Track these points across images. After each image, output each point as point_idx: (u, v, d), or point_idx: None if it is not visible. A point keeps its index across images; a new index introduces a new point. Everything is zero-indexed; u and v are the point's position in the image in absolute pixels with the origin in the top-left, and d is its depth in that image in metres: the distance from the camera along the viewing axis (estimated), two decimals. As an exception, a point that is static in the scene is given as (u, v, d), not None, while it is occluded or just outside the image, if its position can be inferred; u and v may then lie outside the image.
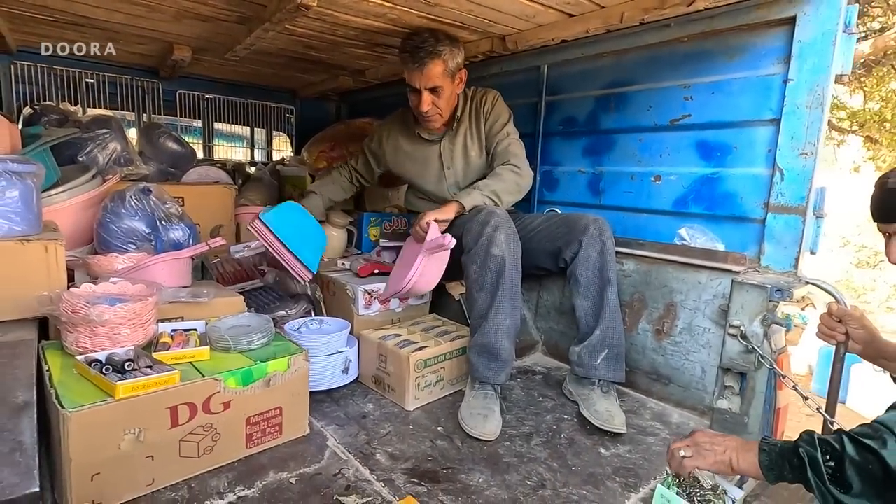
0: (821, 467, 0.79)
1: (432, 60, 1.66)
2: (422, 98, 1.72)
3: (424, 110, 1.75)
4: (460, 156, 1.87)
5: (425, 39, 1.66)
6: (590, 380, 1.55)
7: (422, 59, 1.66)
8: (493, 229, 1.49)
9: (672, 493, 1.09)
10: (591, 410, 1.47)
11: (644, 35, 1.69)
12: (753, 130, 1.50)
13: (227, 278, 1.94)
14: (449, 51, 1.68)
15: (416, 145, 1.93)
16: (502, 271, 1.47)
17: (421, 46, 1.66)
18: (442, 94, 1.73)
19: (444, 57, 1.67)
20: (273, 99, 3.44)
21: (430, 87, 1.70)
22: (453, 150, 1.88)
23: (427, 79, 1.69)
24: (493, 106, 1.83)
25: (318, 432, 1.37)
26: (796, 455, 0.82)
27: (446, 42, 1.68)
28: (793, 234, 1.40)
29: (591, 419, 1.45)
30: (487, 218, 1.51)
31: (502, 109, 1.84)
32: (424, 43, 1.66)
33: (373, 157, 2.07)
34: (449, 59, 1.69)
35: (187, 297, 1.42)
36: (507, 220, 1.52)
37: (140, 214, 1.66)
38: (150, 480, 1.07)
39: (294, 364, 1.28)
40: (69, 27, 1.99)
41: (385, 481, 1.18)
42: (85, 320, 1.11)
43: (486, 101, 1.84)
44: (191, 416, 1.11)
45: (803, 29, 1.35)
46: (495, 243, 1.48)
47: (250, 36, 1.82)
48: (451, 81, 1.74)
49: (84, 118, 2.16)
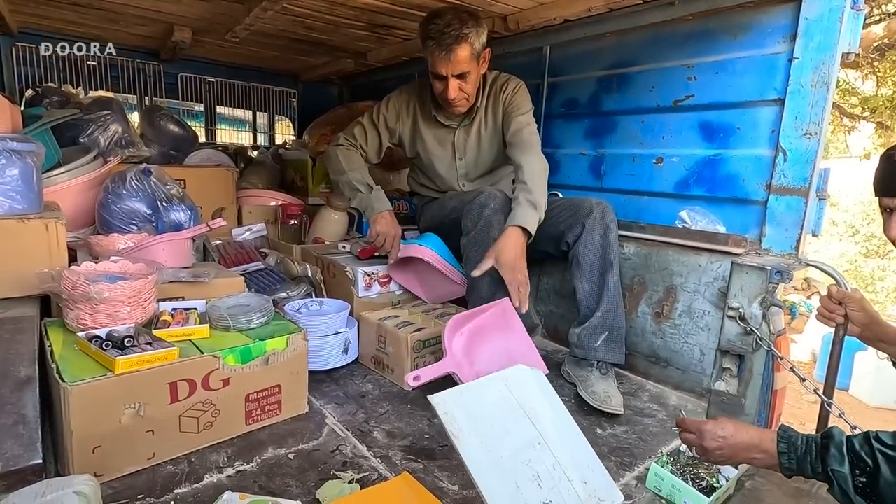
0: (849, 483, 0.75)
1: (459, 45, 1.53)
2: (448, 85, 1.61)
3: (452, 97, 1.63)
4: (474, 145, 1.81)
5: (449, 22, 1.53)
6: (588, 361, 1.55)
7: (448, 46, 1.52)
8: (492, 212, 1.50)
9: (665, 471, 1.10)
10: (589, 392, 1.48)
11: (647, 14, 1.66)
12: (757, 111, 1.48)
13: (229, 260, 1.95)
14: (475, 32, 1.55)
15: (432, 128, 1.84)
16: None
17: (446, 31, 1.52)
18: (469, 79, 1.62)
19: (470, 39, 1.54)
20: (275, 83, 3.42)
21: (458, 74, 1.59)
22: (467, 139, 1.81)
23: (455, 65, 1.56)
24: (515, 94, 1.74)
25: (317, 410, 1.38)
26: (823, 471, 0.78)
27: (471, 22, 1.55)
28: (794, 216, 1.39)
29: (589, 400, 1.46)
30: (486, 201, 1.51)
31: (524, 99, 1.74)
32: (449, 27, 1.52)
33: (386, 132, 1.87)
34: (475, 41, 1.56)
35: (188, 278, 1.43)
36: (505, 203, 1.52)
37: (141, 195, 1.68)
38: (150, 454, 1.09)
39: (293, 343, 1.29)
40: (69, 8, 1.98)
41: (382, 458, 1.19)
42: (85, 297, 1.13)
43: (506, 88, 1.74)
44: (190, 392, 1.12)
45: (810, 5, 1.32)
46: (495, 226, 1.48)
47: (249, 15, 1.81)
48: (477, 63, 1.63)
49: (85, 100, 2.17)
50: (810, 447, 0.81)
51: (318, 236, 2.18)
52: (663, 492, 1.10)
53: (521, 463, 0.97)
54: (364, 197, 1.75)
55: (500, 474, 0.94)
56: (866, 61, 6.11)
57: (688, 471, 1.12)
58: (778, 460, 0.84)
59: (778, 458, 0.83)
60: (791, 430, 0.86)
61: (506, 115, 1.73)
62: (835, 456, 0.77)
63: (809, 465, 0.80)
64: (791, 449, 0.83)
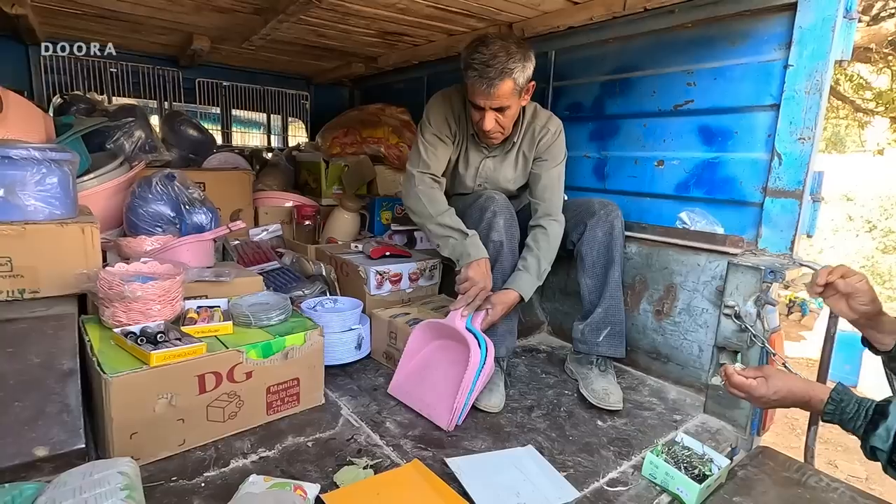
0: (886, 459, 0.82)
1: (503, 80, 1.44)
2: (484, 116, 1.53)
3: (487, 129, 1.56)
4: (498, 177, 1.77)
5: (495, 54, 1.43)
6: (588, 358, 1.62)
7: (491, 80, 1.44)
8: (493, 215, 1.54)
9: (660, 460, 1.17)
10: (589, 389, 1.55)
11: (649, 21, 1.71)
12: (754, 116, 1.53)
13: (247, 260, 2.04)
14: (521, 66, 1.46)
15: (465, 142, 1.74)
16: (500, 254, 1.54)
17: (490, 64, 1.42)
18: (508, 113, 1.55)
19: (514, 75, 1.45)
20: (288, 86, 3.52)
21: (497, 108, 1.53)
22: (494, 170, 1.75)
23: (495, 99, 1.49)
24: (555, 140, 1.68)
25: (332, 402, 1.47)
26: (864, 440, 0.85)
27: (517, 55, 1.45)
28: (789, 218, 1.44)
29: (589, 397, 1.53)
30: (487, 204, 1.56)
31: (561, 148, 1.70)
32: (495, 59, 1.42)
33: (450, 141, 1.71)
34: (520, 76, 1.47)
35: (211, 277, 1.53)
36: (506, 207, 1.58)
37: (165, 199, 1.77)
38: (181, 441, 1.18)
39: (310, 339, 1.38)
40: (95, 20, 2.08)
41: (394, 446, 1.27)
42: (120, 296, 1.22)
43: (546, 132, 1.68)
44: (216, 384, 1.21)
45: (804, 14, 1.37)
46: (495, 228, 1.54)
47: (266, 26, 1.89)
48: (519, 97, 1.54)
49: (110, 107, 2.27)
50: (858, 415, 0.89)
51: (331, 236, 2.27)
52: (658, 479, 1.17)
53: (505, 488, 1.13)
54: (458, 244, 1.54)
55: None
56: (880, 56, 6.05)
57: (682, 460, 1.18)
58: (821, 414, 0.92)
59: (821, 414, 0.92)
60: (845, 394, 0.93)
61: (539, 159, 1.70)
62: (881, 436, 0.84)
63: (852, 427, 0.88)
64: (837, 410, 0.91)
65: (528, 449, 1.28)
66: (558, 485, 1.14)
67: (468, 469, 1.17)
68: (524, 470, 1.19)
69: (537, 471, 1.19)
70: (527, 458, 1.24)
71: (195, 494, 1.06)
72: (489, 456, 1.24)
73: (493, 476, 1.15)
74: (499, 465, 1.20)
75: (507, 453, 1.26)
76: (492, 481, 1.13)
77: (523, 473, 1.17)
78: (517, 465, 1.21)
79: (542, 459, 1.23)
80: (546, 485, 1.14)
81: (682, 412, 1.54)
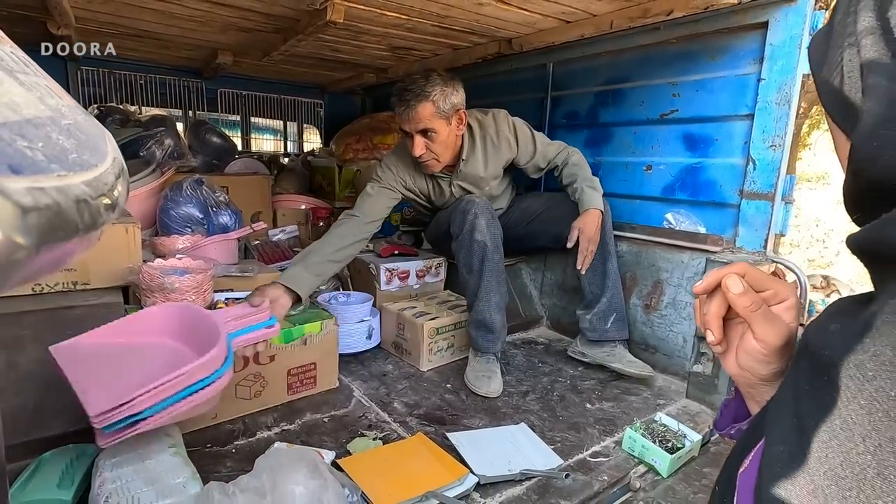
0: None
1: (419, 102, 1.58)
2: (413, 141, 1.65)
3: (417, 154, 1.67)
4: (474, 187, 1.87)
5: (415, 80, 1.60)
6: (600, 342, 1.79)
7: (408, 102, 1.59)
8: (475, 217, 1.65)
9: (638, 434, 1.31)
10: (624, 362, 1.72)
11: (637, 37, 1.85)
12: (732, 124, 1.66)
13: (266, 258, 2.21)
14: (440, 90, 1.59)
15: (426, 180, 1.88)
16: (486, 254, 1.66)
17: (409, 88, 1.59)
18: (436, 139, 1.65)
19: (433, 97, 1.58)
20: (303, 94, 3.70)
21: (421, 130, 1.63)
22: (463, 185, 1.87)
23: (416, 121, 1.61)
24: (513, 133, 1.82)
25: (346, 385, 1.63)
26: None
27: (437, 81, 1.59)
28: (763, 218, 1.57)
29: (626, 370, 1.69)
30: (468, 207, 1.66)
31: (524, 132, 1.85)
32: (413, 84, 1.60)
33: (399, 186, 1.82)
34: (440, 99, 1.59)
35: (237, 272, 1.70)
36: (486, 208, 1.68)
37: (194, 202, 1.95)
38: (214, 415, 1.35)
39: (326, 327, 1.54)
40: (130, 38, 2.27)
41: (400, 423, 1.43)
42: (160, 288, 1.39)
43: (500, 134, 1.81)
44: (244, 366, 1.38)
45: (774, 33, 1.50)
46: (478, 229, 1.65)
47: (285, 44, 2.06)
48: (447, 123, 1.64)
49: (142, 117, 2.46)
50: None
51: (344, 237, 2.43)
52: (635, 452, 1.30)
53: (499, 457, 1.27)
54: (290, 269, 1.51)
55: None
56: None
57: (658, 435, 1.32)
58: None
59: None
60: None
61: (522, 155, 1.87)
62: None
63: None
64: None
65: (520, 426, 1.42)
66: (546, 455, 1.29)
67: (466, 442, 1.31)
68: (516, 443, 1.33)
69: (527, 444, 1.33)
70: (519, 434, 1.38)
71: (227, 458, 1.22)
72: (485, 431, 1.39)
73: (488, 448, 1.30)
74: (494, 439, 1.35)
75: (502, 430, 1.41)
76: (487, 452, 1.28)
77: (515, 446, 1.32)
78: (510, 439, 1.35)
79: (533, 435, 1.38)
80: (534, 455, 1.28)
81: (667, 397, 1.66)
